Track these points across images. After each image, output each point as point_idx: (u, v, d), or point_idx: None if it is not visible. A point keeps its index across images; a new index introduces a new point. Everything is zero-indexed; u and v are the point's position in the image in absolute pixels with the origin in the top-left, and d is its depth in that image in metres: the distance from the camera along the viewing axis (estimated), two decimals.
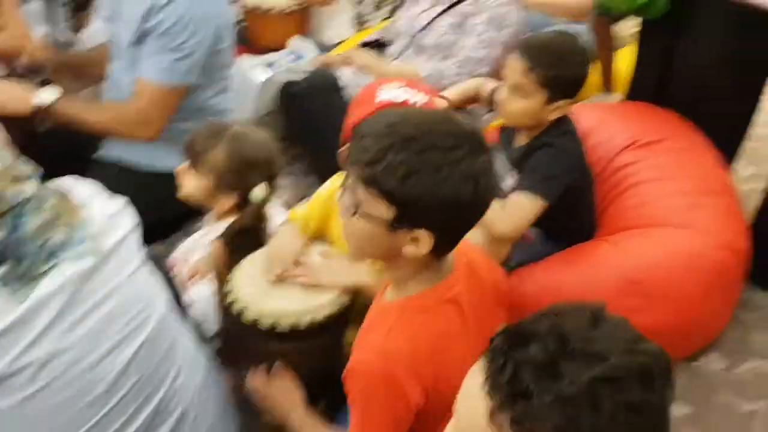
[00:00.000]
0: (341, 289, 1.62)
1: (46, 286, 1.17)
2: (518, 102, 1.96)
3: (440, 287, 1.27)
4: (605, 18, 2.95)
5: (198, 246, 2.29)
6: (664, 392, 0.82)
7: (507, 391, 0.78)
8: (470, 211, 1.18)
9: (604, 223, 2.23)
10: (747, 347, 2.29)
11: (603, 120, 2.45)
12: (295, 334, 1.56)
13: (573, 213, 2.07)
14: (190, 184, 1.99)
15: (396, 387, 1.19)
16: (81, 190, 1.32)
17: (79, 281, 1.20)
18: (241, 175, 1.92)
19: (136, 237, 1.37)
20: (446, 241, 1.21)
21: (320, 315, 1.58)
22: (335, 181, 1.91)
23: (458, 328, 1.28)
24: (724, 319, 2.21)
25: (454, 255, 1.29)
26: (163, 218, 2.33)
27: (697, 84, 2.61)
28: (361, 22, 3.43)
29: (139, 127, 2.33)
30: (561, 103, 1.95)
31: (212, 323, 2.04)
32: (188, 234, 2.49)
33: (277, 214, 2.02)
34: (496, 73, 2.70)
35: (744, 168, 3.08)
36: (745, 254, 2.10)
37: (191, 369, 1.47)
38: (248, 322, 1.57)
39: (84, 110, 2.31)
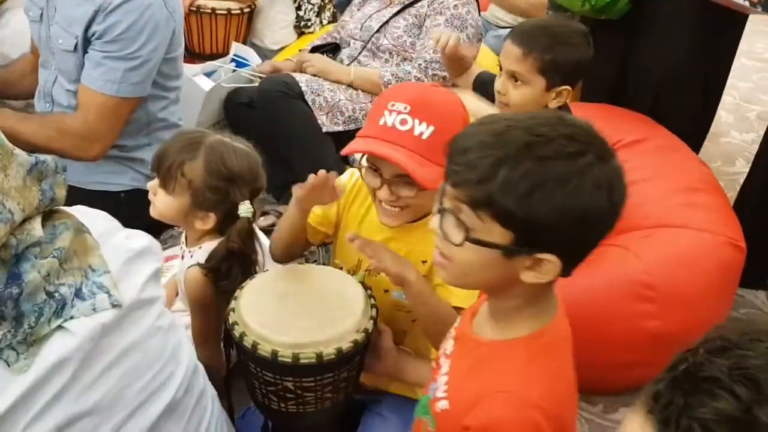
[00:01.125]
0: (363, 311, 1.44)
1: (54, 351, 0.94)
2: (517, 91, 1.87)
3: (557, 320, 1.09)
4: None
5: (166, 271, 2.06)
6: None
7: None
8: (603, 225, 1.00)
9: None
10: None
11: None
12: (320, 365, 1.36)
13: None
14: (163, 203, 1.74)
15: None
16: (96, 223, 1.09)
17: (95, 338, 0.98)
18: (223, 191, 1.70)
19: (158, 280, 1.17)
20: (572, 262, 1.01)
21: (346, 342, 1.38)
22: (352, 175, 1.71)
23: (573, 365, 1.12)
24: (724, 318, 2.16)
25: None
26: None
27: (661, 83, 2.59)
28: (301, 28, 3.24)
29: (86, 144, 2.07)
30: (562, 89, 1.86)
31: None
32: None
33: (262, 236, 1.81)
34: None
35: None
36: (745, 251, 2.06)
37: (219, 428, 1.25)
38: (265, 356, 1.36)
39: (19, 123, 2.02)
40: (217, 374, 1.60)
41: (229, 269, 1.65)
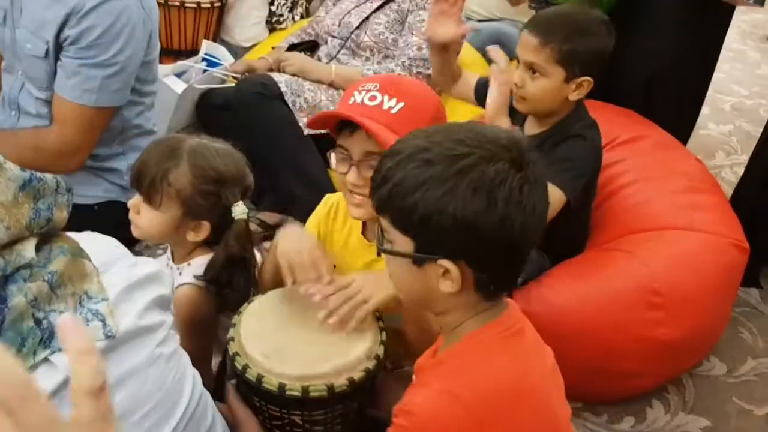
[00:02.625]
0: (372, 336, 1.34)
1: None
2: (535, 83, 1.78)
3: (501, 320, 1.06)
4: None
5: None
6: None
7: None
8: (496, 233, 0.95)
9: (598, 226, 2.08)
10: (740, 347, 2.21)
11: None
12: (331, 397, 1.27)
13: (579, 216, 1.91)
14: (149, 220, 1.61)
15: None
16: (101, 249, 1.00)
17: None
18: (214, 194, 1.58)
19: (163, 307, 1.07)
20: (491, 277, 1.00)
21: (358, 372, 1.29)
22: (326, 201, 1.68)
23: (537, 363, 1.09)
24: (727, 320, 2.12)
25: None
26: None
27: (651, 77, 2.55)
28: (273, 24, 3.11)
29: (64, 159, 1.95)
30: (582, 80, 1.77)
31: None
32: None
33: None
34: None
35: None
36: (748, 250, 2.01)
37: None
38: (271, 390, 1.26)
39: None
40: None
41: (231, 277, 1.55)
